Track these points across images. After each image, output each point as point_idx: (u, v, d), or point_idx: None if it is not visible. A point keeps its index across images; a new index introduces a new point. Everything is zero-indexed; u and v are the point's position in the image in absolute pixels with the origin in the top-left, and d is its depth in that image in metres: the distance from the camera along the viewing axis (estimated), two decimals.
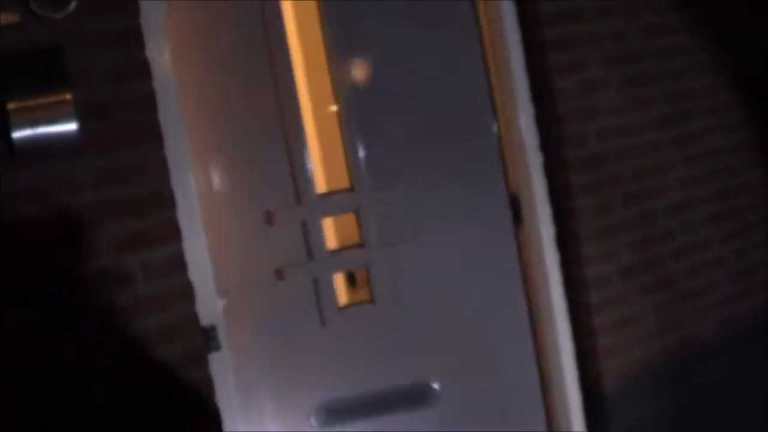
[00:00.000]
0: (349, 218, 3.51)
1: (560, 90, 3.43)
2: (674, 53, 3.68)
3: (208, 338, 2.89)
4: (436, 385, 3.50)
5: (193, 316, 2.83)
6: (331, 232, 3.87)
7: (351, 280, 4.19)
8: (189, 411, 2.80)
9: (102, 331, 2.66)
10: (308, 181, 3.32)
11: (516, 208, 3.52)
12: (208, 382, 2.83)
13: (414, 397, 3.49)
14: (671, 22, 3.70)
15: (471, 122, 3.49)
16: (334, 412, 3.43)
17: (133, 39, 2.70)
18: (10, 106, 2.50)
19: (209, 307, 2.89)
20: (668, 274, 3.64)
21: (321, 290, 3.37)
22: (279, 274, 3.29)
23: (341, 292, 4.06)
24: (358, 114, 3.39)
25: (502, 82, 3.47)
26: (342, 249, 3.57)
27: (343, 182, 3.46)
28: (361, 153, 3.40)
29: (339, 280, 4.03)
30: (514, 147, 3.49)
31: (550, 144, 3.47)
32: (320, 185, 3.64)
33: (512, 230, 3.52)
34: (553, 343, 3.54)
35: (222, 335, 2.92)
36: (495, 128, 3.49)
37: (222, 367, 2.91)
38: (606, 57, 3.52)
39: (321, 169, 4.12)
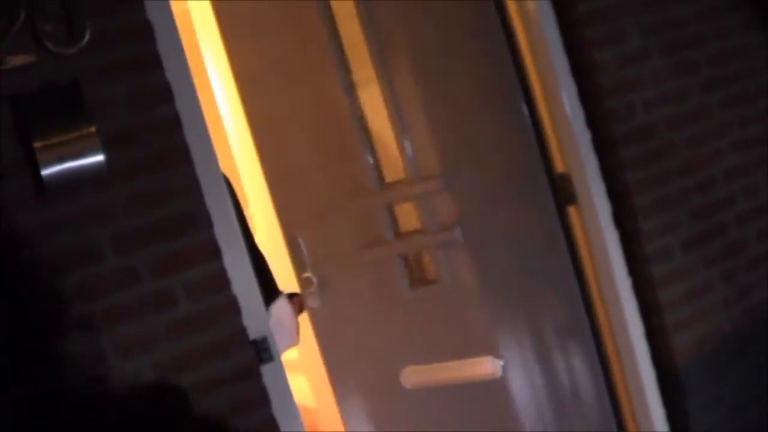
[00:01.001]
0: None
1: (600, 63, 3.36)
2: (715, 13, 3.56)
3: (259, 350, 2.90)
4: (501, 361, 3.62)
5: (242, 331, 2.85)
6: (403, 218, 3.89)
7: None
8: (246, 425, 2.83)
9: (149, 352, 2.70)
10: (373, 171, 3.66)
11: (567, 186, 3.45)
12: (263, 395, 2.86)
13: (481, 369, 3.65)
14: None
15: (505, 105, 3.45)
16: (415, 377, 3.78)
17: (150, 63, 2.71)
18: (36, 144, 2.53)
19: (257, 319, 2.89)
20: (733, 241, 3.54)
21: (396, 270, 3.69)
22: (359, 254, 3.68)
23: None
24: (402, 108, 3.56)
25: (540, 60, 3.39)
26: (410, 233, 3.72)
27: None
28: (410, 145, 3.59)
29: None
30: (560, 125, 3.42)
31: (596, 119, 3.39)
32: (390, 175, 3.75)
33: (554, 210, 3.44)
34: (621, 322, 3.47)
35: (272, 346, 2.93)
36: (525, 109, 3.41)
37: (276, 379, 2.91)
38: (643, 25, 3.42)
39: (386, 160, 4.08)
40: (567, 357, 3.61)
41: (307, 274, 3.83)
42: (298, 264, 3.86)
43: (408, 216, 3.71)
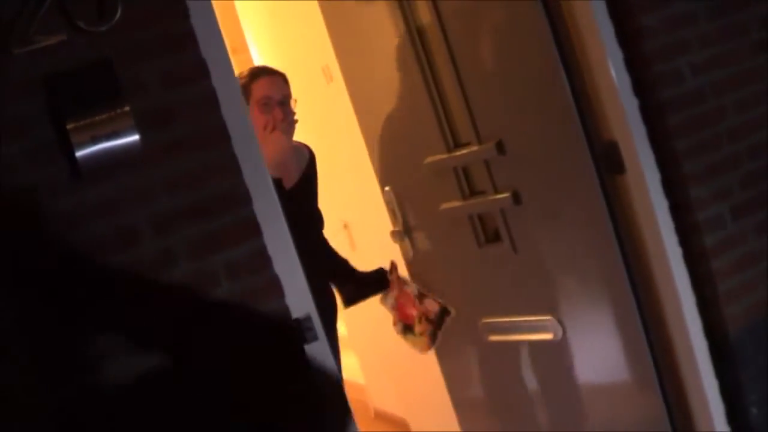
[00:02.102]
0: None
1: (646, 28, 3.25)
2: None
3: (303, 329, 2.86)
4: (561, 321, 3.72)
5: (285, 309, 2.81)
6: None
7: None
8: (292, 404, 2.79)
9: (191, 335, 2.66)
10: (443, 134, 3.88)
11: (615, 155, 3.37)
12: (307, 374, 2.82)
13: (544, 328, 3.79)
14: None
15: (548, 74, 3.41)
16: (491, 328, 4.00)
17: (184, 41, 2.66)
18: (69, 126, 2.50)
19: (300, 298, 2.85)
20: None
21: (465, 228, 3.92)
22: (435, 210, 3.94)
23: None
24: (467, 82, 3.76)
25: (585, 27, 3.31)
26: (476, 194, 3.89)
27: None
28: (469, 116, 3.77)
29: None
30: (606, 93, 3.33)
31: (643, 86, 3.30)
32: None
33: (597, 180, 3.39)
34: (672, 292, 3.38)
35: (317, 325, 2.89)
36: (564, 77, 3.36)
37: (321, 357, 2.87)
38: None
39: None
40: (615, 327, 3.59)
41: (398, 228, 4.20)
42: (392, 217, 4.24)
43: (478, 179, 3.88)
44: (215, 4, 2.81)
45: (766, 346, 3.38)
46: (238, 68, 3.11)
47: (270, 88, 3.83)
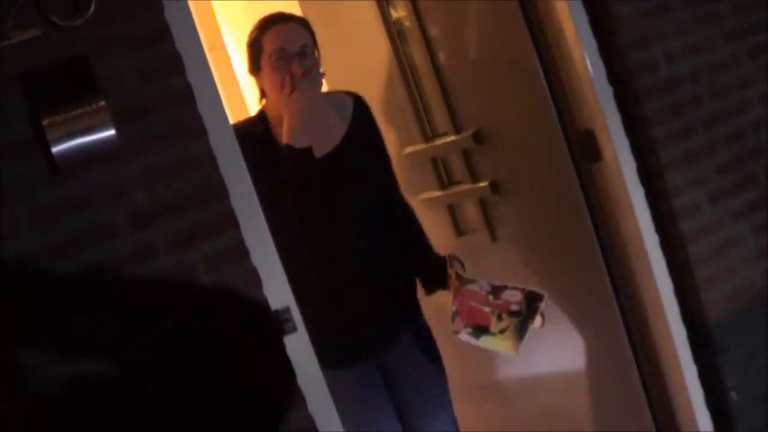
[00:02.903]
0: None
1: (621, 18, 3.28)
2: None
3: (281, 321, 2.86)
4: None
5: (263, 301, 2.81)
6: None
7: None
8: (271, 396, 2.80)
9: (171, 329, 2.66)
10: (420, 125, 3.90)
11: (592, 143, 3.39)
12: (287, 365, 2.82)
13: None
14: None
15: (523, 64, 3.44)
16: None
17: (159, 35, 2.65)
18: (45, 121, 2.49)
19: (279, 289, 2.85)
20: (762, 193, 3.46)
21: (443, 218, 3.94)
22: (413, 200, 3.67)
23: None
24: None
25: (559, 18, 3.33)
26: (453, 184, 3.91)
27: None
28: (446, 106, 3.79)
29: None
30: (582, 81, 3.35)
31: (618, 75, 3.33)
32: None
33: (573, 169, 3.42)
34: (650, 279, 3.42)
35: (296, 316, 2.90)
36: (539, 66, 3.39)
37: (300, 348, 2.87)
38: None
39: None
40: (594, 315, 3.62)
41: None
42: None
43: (456, 169, 3.89)
44: (191, 3, 2.80)
45: (745, 331, 3.41)
46: (215, 64, 3.09)
47: (284, 39, 3.19)
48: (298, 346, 2.87)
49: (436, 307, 3.44)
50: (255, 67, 3.24)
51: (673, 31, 3.35)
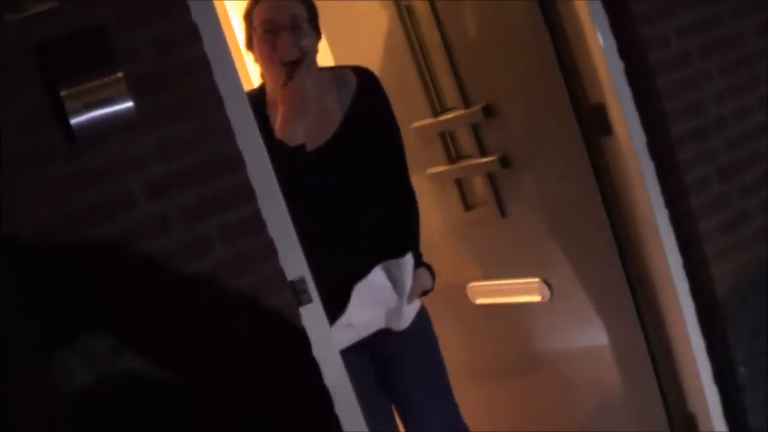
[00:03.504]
0: None
1: None
2: None
3: (297, 292, 2.86)
4: (548, 282, 3.76)
5: (280, 272, 2.82)
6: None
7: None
8: (288, 366, 2.81)
9: (187, 301, 2.67)
10: (429, 99, 3.90)
11: (602, 117, 3.40)
12: (303, 337, 2.84)
13: (532, 290, 3.83)
14: None
15: (533, 38, 3.45)
16: (478, 291, 4.05)
17: (176, 5, 2.65)
18: (63, 93, 2.49)
19: (295, 260, 2.86)
20: None
21: (452, 192, 3.96)
22: (422, 175, 3.86)
23: None
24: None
25: None
26: (461, 158, 3.92)
27: None
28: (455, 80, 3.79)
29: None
30: (593, 55, 3.35)
31: (629, 48, 3.33)
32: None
33: (582, 142, 3.43)
34: (660, 252, 3.43)
35: (311, 287, 2.91)
36: (549, 41, 3.39)
37: (315, 320, 2.88)
38: None
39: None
40: (602, 289, 3.63)
41: None
42: None
43: (464, 143, 3.89)
44: None
45: (754, 306, 3.43)
46: (228, 34, 3.06)
47: (273, 10, 3.07)
48: (313, 317, 2.89)
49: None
50: (249, 42, 3.17)
51: (684, 5, 3.35)
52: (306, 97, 3.04)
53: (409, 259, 3.27)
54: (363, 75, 3.24)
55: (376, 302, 3.24)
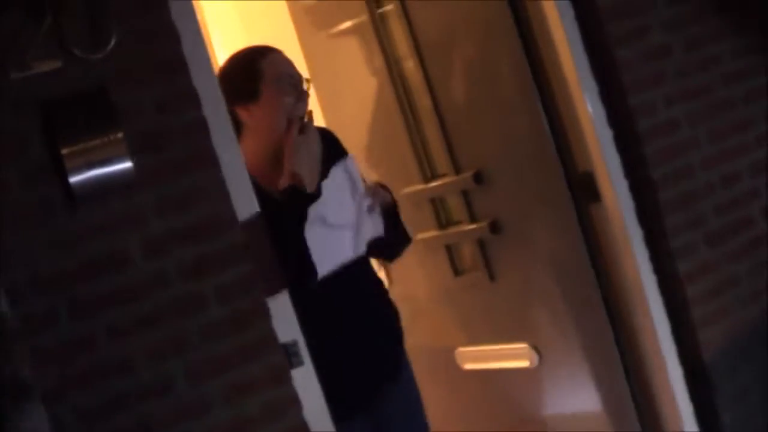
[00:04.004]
0: None
1: (622, 60, 3.35)
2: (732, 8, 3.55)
3: (289, 354, 2.88)
4: (537, 348, 3.77)
5: (272, 334, 2.83)
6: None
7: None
8: (277, 429, 2.81)
9: (180, 356, 2.69)
10: (419, 165, 3.93)
11: (591, 184, 3.45)
12: (294, 399, 2.84)
13: (520, 355, 3.83)
14: None
15: (525, 106, 3.51)
16: (467, 357, 4.04)
17: (177, 68, 2.70)
18: (64, 151, 2.53)
19: (287, 323, 2.88)
20: (759, 235, 3.53)
21: (441, 258, 3.96)
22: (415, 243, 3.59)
23: None
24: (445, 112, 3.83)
25: (560, 61, 3.40)
26: (452, 224, 3.94)
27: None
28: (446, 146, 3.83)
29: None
30: (582, 124, 3.41)
31: (618, 116, 3.39)
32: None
33: (573, 209, 3.48)
34: (647, 318, 3.46)
35: (303, 350, 2.92)
36: (542, 109, 3.45)
37: (306, 382, 2.89)
38: (665, 21, 3.42)
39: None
40: (591, 354, 3.64)
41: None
42: None
43: (455, 209, 3.93)
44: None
45: (741, 370, 3.45)
46: None
47: (288, 65, 3.10)
48: (305, 380, 2.90)
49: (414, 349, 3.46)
50: (247, 97, 3.02)
51: (672, 73, 3.43)
52: (316, 147, 3.07)
53: (352, 157, 3.12)
54: (325, 133, 3.25)
55: (343, 199, 3.04)
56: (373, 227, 3.09)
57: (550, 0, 3.37)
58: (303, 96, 3.06)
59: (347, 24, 3.99)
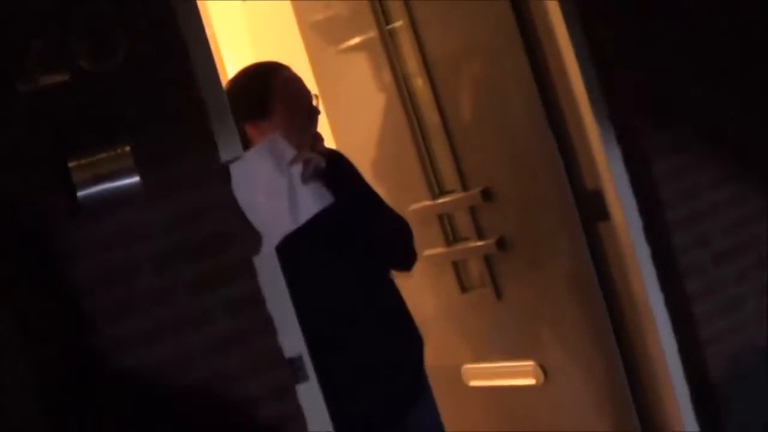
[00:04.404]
0: None
1: (630, 79, 3.36)
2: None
3: (294, 369, 2.88)
4: (543, 366, 3.78)
5: (277, 349, 2.83)
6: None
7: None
8: None
9: (186, 370, 2.69)
10: (428, 181, 3.94)
11: (599, 202, 3.45)
12: (299, 414, 2.84)
13: (526, 373, 3.84)
14: None
15: (533, 124, 3.52)
16: (473, 374, 4.05)
17: (186, 81, 2.71)
18: (71, 164, 2.53)
19: (293, 338, 2.88)
20: (765, 254, 3.52)
21: (448, 274, 3.96)
22: (422, 260, 3.65)
23: None
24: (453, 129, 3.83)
25: (569, 80, 3.40)
26: (459, 241, 3.95)
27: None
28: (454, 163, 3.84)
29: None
30: (590, 141, 3.42)
31: (627, 133, 3.39)
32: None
33: (581, 228, 3.48)
34: (655, 337, 3.45)
35: (308, 365, 2.92)
36: (548, 127, 3.47)
37: (311, 397, 2.89)
38: (676, 47, 3.45)
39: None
40: (597, 373, 3.64)
41: None
42: None
43: (462, 225, 3.93)
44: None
45: (748, 391, 3.44)
46: None
47: (301, 83, 3.07)
48: (309, 395, 2.90)
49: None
50: (257, 114, 2.99)
51: (681, 91, 3.44)
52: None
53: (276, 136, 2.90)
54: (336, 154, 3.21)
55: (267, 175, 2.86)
56: (317, 197, 2.86)
57: (559, 16, 3.37)
58: (314, 115, 3.03)
59: (356, 40, 4.00)
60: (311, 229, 2.86)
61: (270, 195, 2.83)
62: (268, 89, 2.99)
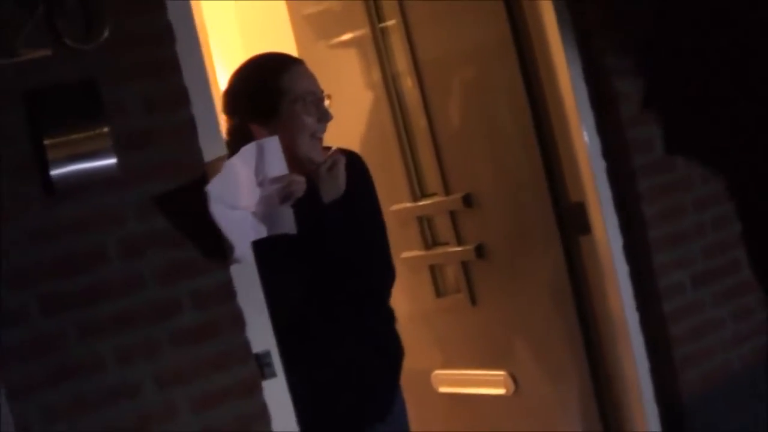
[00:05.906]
0: None
1: (621, 94, 3.33)
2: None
3: (262, 365, 2.83)
4: (514, 376, 3.76)
5: (245, 344, 2.77)
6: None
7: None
8: None
9: (150, 361, 2.63)
10: (409, 183, 3.93)
11: (582, 216, 3.42)
12: (263, 411, 2.79)
13: (496, 382, 3.81)
14: None
15: (518, 133, 3.50)
16: (442, 380, 4.03)
17: (169, 67, 2.65)
18: (47, 142, 2.46)
19: (262, 333, 2.83)
20: (745, 279, 3.50)
21: (424, 278, 3.95)
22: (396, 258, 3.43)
23: None
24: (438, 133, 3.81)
25: (559, 90, 3.37)
26: (437, 245, 3.93)
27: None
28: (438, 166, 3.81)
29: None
30: (576, 154, 3.39)
31: (613, 150, 3.36)
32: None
33: (560, 242, 3.45)
34: (628, 355, 3.43)
35: (276, 361, 2.87)
36: (535, 139, 3.44)
37: (277, 394, 2.84)
38: (669, 63, 3.42)
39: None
40: (567, 386, 3.62)
41: None
42: None
43: (441, 230, 3.90)
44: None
45: (719, 414, 3.42)
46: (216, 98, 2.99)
47: (311, 80, 2.88)
48: (276, 392, 2.85)
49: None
50: (265, 114, 2.83)
51: (672, 110, 3.40)
52: (342, 178, 2.92)
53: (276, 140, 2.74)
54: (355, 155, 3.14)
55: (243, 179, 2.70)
56: (281, 221, 2.71)
57: (554, 27, 3.34)
58: (325, 115, 2.89)
59: (348, 36, 3.97)
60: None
61: (240, 202, 2.68)
62: (279, 89, 2.83)
